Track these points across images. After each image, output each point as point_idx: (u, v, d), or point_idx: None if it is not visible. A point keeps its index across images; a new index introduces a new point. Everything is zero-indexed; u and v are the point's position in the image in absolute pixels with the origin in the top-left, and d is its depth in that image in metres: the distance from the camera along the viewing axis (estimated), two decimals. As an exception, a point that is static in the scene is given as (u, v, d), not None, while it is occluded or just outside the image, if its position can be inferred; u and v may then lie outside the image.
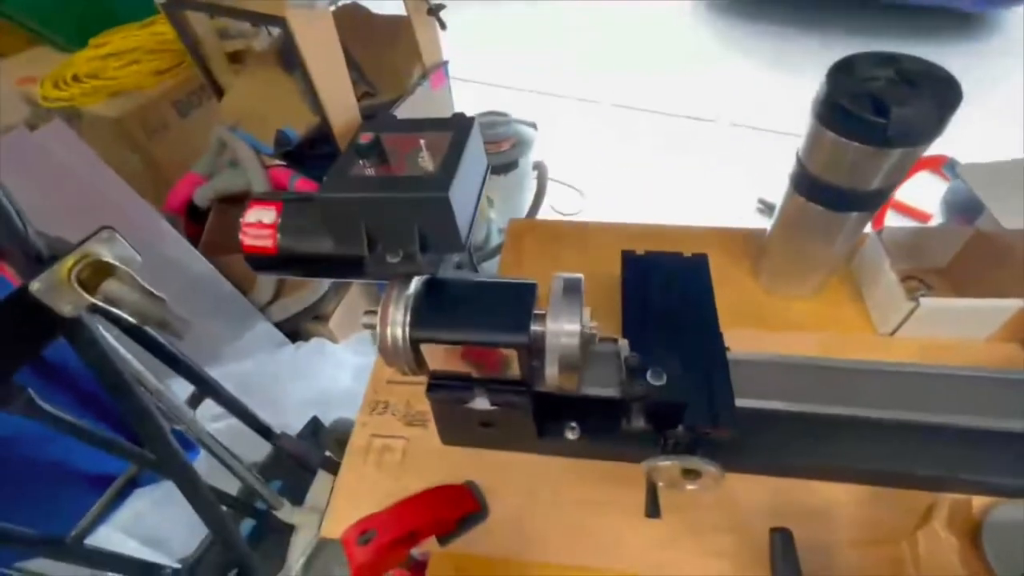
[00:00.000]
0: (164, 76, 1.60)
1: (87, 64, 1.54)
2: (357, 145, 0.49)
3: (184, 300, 1.48)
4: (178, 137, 1.63)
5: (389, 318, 0.49)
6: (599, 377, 0.54)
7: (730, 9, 3.32)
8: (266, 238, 0.58)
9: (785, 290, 0.74)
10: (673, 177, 2.28)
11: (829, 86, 0.55)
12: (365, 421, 0.64)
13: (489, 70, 3.04)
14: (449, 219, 0.48)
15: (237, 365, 1.53)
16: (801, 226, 0.66)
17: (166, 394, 0.93)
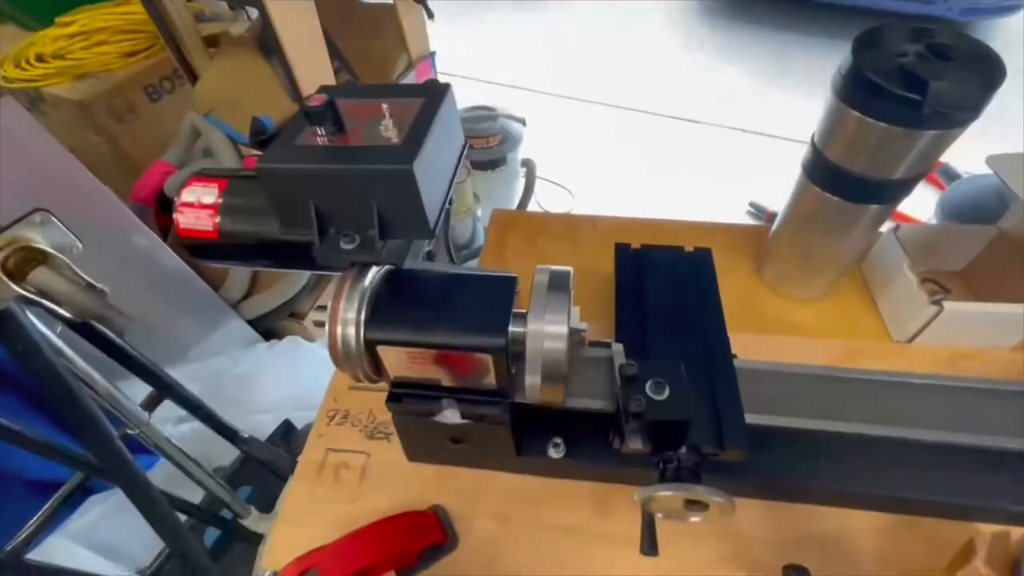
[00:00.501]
0: (134, 59, 1.50)
1: (52, 44, 1.43)
2: (307, 109, 0.41)
3: (150, 295, 1.38)
4: (148, 123, 1.53)
5: (340, 314, 0.40)
6: (589, 387, 0.46)
7: (727, 12, 3.28)
8: (205, 220, 0.49)
9: (791, 291, 0.67)
10: (664, 179, 2.22)
11: (855, 59, 0.47)
12: (321, 432, 0.56)
13: (478, 66, 2.96)
14: (413, 198, 0.39)
15: (205, 364, 1.44)
16: (813, 220, 0.59)
17: (117, 396, 0.84)
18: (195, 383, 1.27)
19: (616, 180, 2.25)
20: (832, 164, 0.53)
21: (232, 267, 1.53)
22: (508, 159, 1.86)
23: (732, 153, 2.33)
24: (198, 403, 1.05)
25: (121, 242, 1.28)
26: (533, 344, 0.39)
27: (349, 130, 0.42)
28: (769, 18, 3.14)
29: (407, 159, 0.38)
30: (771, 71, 2.78)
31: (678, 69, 2.90)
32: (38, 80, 1.41)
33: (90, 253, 1.27)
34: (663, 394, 0.37)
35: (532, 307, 0.39)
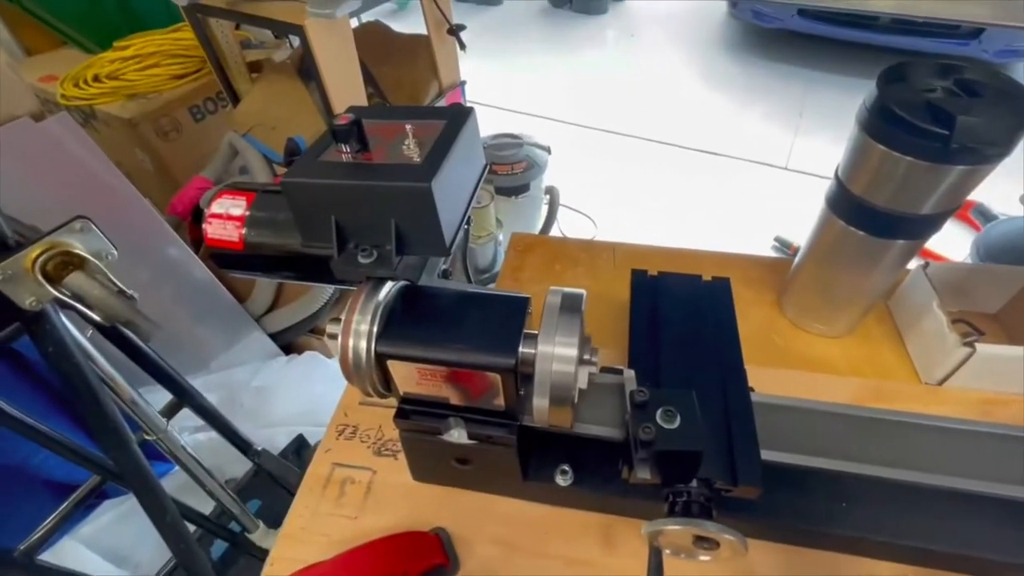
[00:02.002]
0: (182, 81, 1.59)
1: (108, 66, 1.52)
2: (334, 127, 0.42)
3: (180, 306, 1.43)
4: (190, 141, 1.60)
5: (352, 327, 0.40)
6: (599, 413, 0.45)
7: (752, 50, 3.31)
8: (232, 232, 0.51)
9: (814, 326, 0.65)
10: (688, 212, 2.22)
11: (880, 92, 0.47)
12: (329, 447, 0.55)
13: (506, 96, 3.04)
14: (431, 215, 0.40)
15: (225, 375, 1.46)
16: (837, 254, 0.58)
17: (138, 401, 0.86)
18: (213, 393, 1.30)
19: (639, 211, 2.25)
20: (856, 198, 0.52)
21: (257, 281, 1.56)
22: (532, 186, 1.87)
23: (757, 188, 2.31)
24: (215, 413, 1.07)
25: (157, 253, 1.33)
26: (542, 366, 0.38)
27: (373, 148, 0.43)
28: (796, 56, 3.15)
29: (426, 177, 0.39)
30: (797, 109, 2.78)
31: (703, 104, 2.92)
32: (92, 99, 1.50)
33: (127, 263, 1.31)
34: (674, 423, 0.36)
35: (543, 328, 0.39)
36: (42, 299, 0.57)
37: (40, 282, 0.56)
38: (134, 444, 0.77)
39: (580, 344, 0.39)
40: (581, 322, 0.39)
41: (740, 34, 3.45)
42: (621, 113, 2.86)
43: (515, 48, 3.64)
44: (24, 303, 0.56)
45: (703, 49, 3.43)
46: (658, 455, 0.36)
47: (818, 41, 2.95)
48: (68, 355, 0.65)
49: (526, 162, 1.84)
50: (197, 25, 1.43)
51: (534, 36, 3.82)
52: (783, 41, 3.23)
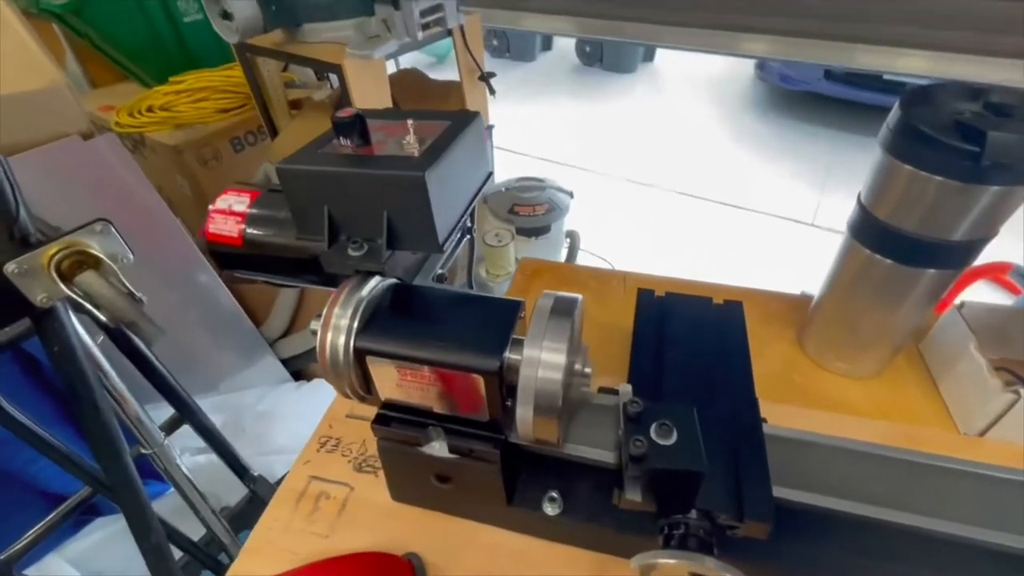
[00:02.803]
0: (227, 115, 1.67)
1: (162, 98, 1.63)
2: (336, 120, 0.42)
3: (202, 328, 1.45)
4: (228, 170, 1.67)
5: (333, 320, 0.38)
6: (592, 435, 0.41)
7: (778, 108, 3.35)
8: (232, 227, 0.50)
9: (837, 365, 0.59)
10: (712, 263, 2.18)
11: (903, 112, 0.45)
12: (309, 459, 0.52)
13: (534, 143, 3.12)
14: (424, 208, 0.38)
15: (232, 397, 1.45)
16: (862, 284, 0.53)
17: (139, 412, 0.85)
18: (218, 414, 1.28)
19: (660, 259, 2.22)
20: (882, 223, 0.49)
21: (274, 306, 1.57)
22: (553, 228, 1.88)
23: (783, 243, 2.26)
24: (215, 434, 1.05)
25: (186, 277, 1.36)
26: (527, 371, 0.35)
27: (374, 143, 0.42)
28: (822, 117, 3.16)
29: (421, 167, 0.37)
30: (824, 167, 2.76)
31: (729, 159, 2.93)
32: (143, 127, 1.60)
33: (157, 284, 1.34)
34: (670, 438, 0.32)
35: (530, 331, 0.36)
36: (53, 296, 0.57)
37: (54, 279, 0.56)
38: (127, 455, 0.75)
39: (570, 351, 0.36)
40: (572, 328, 0.36)
41: (767, 95, 3.51)
42: (646, 164, 2.89)
43: (546, 100, 3.78)
44: (36, 299, 0.56)
45: (730, 108, 3.49)
46: (652, 475, 0.32)
47: (844, 104, 2.96)
48: (72, 356, 0.65)
49: (548, 204, 1.86)
50: (246, 64, 1.53)
51: (564, 90, 3.96)
52: (810, 103, 3.26)
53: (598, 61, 4.23)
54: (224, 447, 1.08)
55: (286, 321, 1.59)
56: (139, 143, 1.66)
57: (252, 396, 1.51)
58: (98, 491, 0.83)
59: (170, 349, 1.08)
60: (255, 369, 1.56)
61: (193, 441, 1.26)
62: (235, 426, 1.42)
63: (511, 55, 4.58)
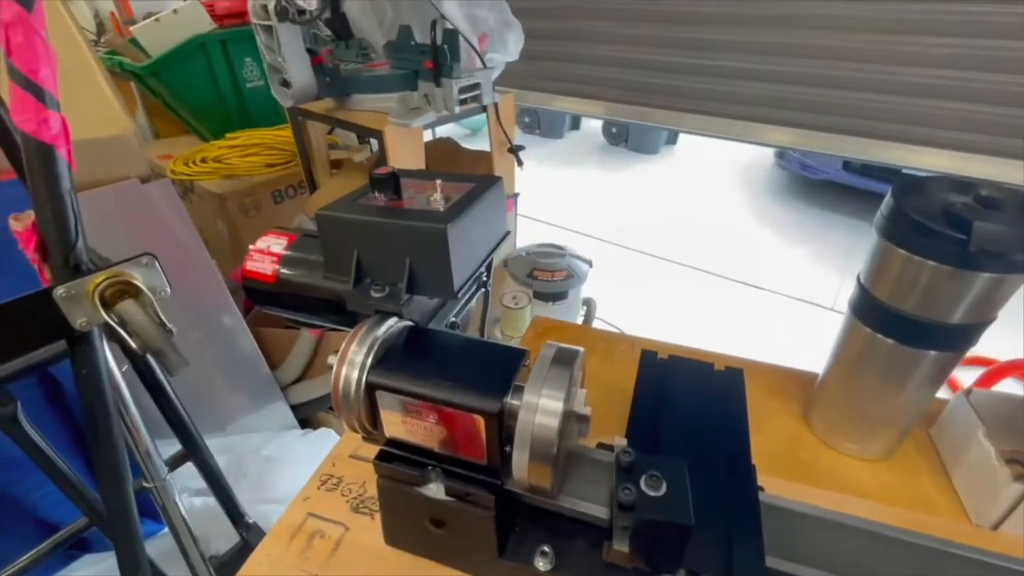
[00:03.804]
0: (273, 169, 1.81)
1: (216, 151, 1.78)
2: (373, 176, 0.47)
3: (218, 368, 1.48)
4: (267, 219, 1.78)
5: (349, 355, 0.41)
6: (587, 489, 0.42)
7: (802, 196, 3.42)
8: (268, 266, 0.55)
9: (844, 445, 0.59)
10: (729, 341, 2.16)
11: (896, 201, 0.48)
12: (308, 495, 0.53)
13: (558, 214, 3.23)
14: (443, 258, 0.42)
15: (237, 439, 1.45)
16: (865, 364, 0.54)
17: (148, 443, 0.87)
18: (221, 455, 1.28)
19: (676, 333, 2.22)
20: (882, 303, 0.50)
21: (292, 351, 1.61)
22: (570, 295, 1.91)
23: (801, 325, 2.25)
24: (217, 475, 1.05)
25: (212, 318, 1.42)
26: (525, 416, 0.37)
27: (405, 198, 0.47)
28: (843, 205, 3.22)
29: (443, 221, 0.42)
30: (844, 253, 2.78)
31: (750, 240, 2.98)
32: (195, 175, 1.73)
33: (185, 322, 1.39)
34: (659, 490, 0.33)
35: (531, 378, 0.38)
36: (92, 321, 0.61)
37: (96, 305, 0.61)
38: (130, 485, 0.76)
39: (568, 399, 0.38)
40: (572, 377, 0.38)
41: (788, 182, 3.61)
42: (666, 240, 2.96)
43: (571, 174, 3.96)
44: (76, 322, 0.61)
45: (751, 191, 3.59)
46: (640, 526, 0.32)
47: (863, 193, 3.03)
48: (98, 380, 0.68)
49: (567, 271, 1.90)
50: (296, 125, 1.67)
51: (589, 165, 4.15)
52: (830, 190, 3.34)
53: (623, 141, 4.45)
54: (223, 489, 1.08)
55: (301, 367, 1.62)
56: (189, 189, 1.79)
57: (257, 440, 1.50)
58: (94, 522, 0.84)
59: (184, 385, 1.11)
60: (264, 413, 1.57)
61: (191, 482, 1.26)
62: (237, 469, 1.41)
63: (541, 132, 4.86)
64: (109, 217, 1.14)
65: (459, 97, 1.27)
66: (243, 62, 1.90)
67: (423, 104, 1.33)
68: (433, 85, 1.25)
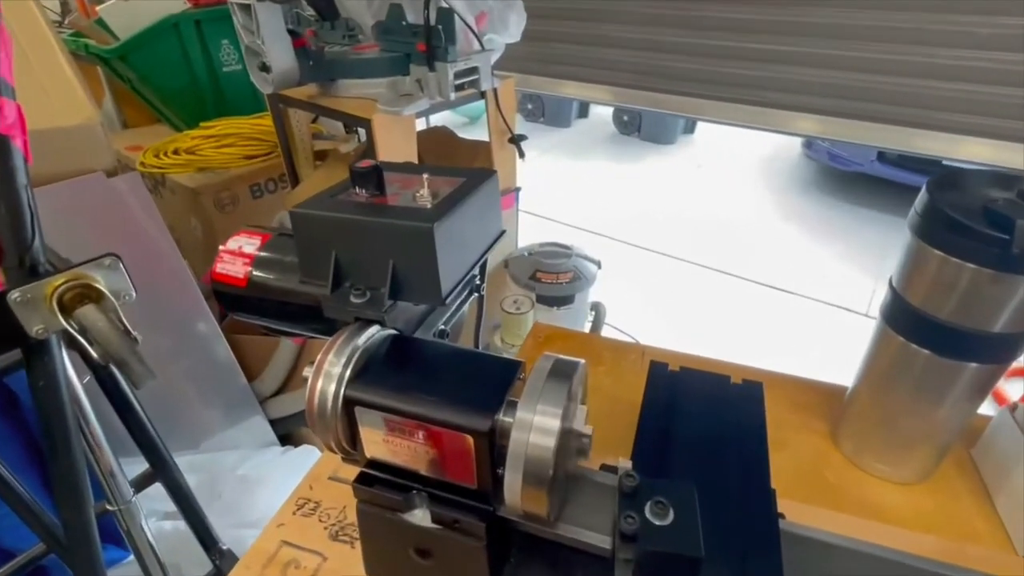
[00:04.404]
0: (252, 161, 1.81)
1: (190, 142, 1.78)
2: (353, 170, 0.47)
3: (192, 379, 1.48)
4: (244, 216, 1.79)
5: (325, 367, 0.41)
6: (589, 516, 0.41)
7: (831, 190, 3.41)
8: (239, 268, 0.55)
9: (875, 467, 0.58)
10: (752, 351, 2.15)
11: (931, 197, 0.47)
12: (283, 521, 0.53)
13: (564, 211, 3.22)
14: (429, 260, 0.42)
15: (211, 458, 1.45)
16: (897, 377, 0.54)
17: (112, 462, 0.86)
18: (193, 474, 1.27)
19: (693, 341, 2.21)
20: (915, 309, 0.50)
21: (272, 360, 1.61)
22: (577, 299, 1.91)
23: (831, 331, 2.24)
24: (188, 496, 1.04)
25: (184, 324, 1.41)
26: (518, 434, 0.36)
27: (388, 194, 0.47)
28: (876, 200, 3.21)
29: (430, 219, 0.41)
30: (878, 253, 2.76)
31: (774, 239, 2.97)
32: (167, 168, 1.74)
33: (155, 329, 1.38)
34: (665, 518, 0.32)
35: (525, 393, 0.38)
36: (50, 328, 0.61)
37: (54, 310, 0.61)
38: (91, 508, 0.76)
39: (566, 416, 0.37)
40: (570, 392, 0.38)
41: (815, 174, 3.61)
42: (682, 238, 2.95)
43: (579, 166, 3.96)
44: (32, 329, 0.60)
45: (775, 185, 3.58)
46: (644, 559, 0.32)
47: (899, 187, 3.02)
48: (56, 393, 0.68)
49: (573, 273, 1.90)
50: (277, 113, 1.67)
51: (599, 157, 4.15)
52: (862, 184, 3.33)
53: (636, 131, 4.46)
54: (195, 512, 1.08)
55: (281, 378, 1.62)
56: (159, 183, 1.79)
57: (233, 458, 1.50)
58: (52, 549, 0.83)
59: (152, 397, 1.10)
60: (240, 428, 1.57)
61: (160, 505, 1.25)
62: (210, 490, 1.41)
63: (545, 120, 4.87)
64: (70, 214, 1.14)
65: (455, 82, 1.27)
66: (219, 44, 1.91)
67: (415, 90, 1.33)
68: (426, 69, 1.25)
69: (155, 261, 1.32)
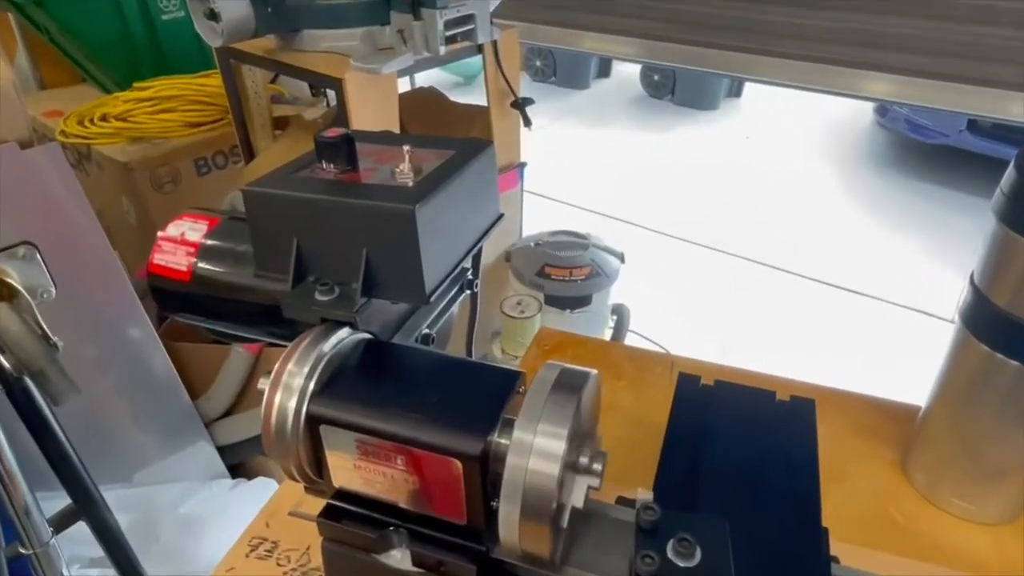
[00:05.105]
0: (196, 130, 1.83)
1: (121, 106, 1.80)
2: (319, 140, 0.48)
3: (123, 395, 1.48)
4: (187, 197, 1.80)
5: (284, 377, 0.42)
6: (602, 558, 0.42)
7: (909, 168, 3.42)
8: (182, 259, 0.56)
9: (954, 503, 0.59)
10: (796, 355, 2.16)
11: (1020, 173, 0.48)
12: (232, 565, 0.54)
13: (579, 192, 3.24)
14: (410, 249, 0.43)
15: (146, 492, 1.46)
16: (980, 394, 0.54)
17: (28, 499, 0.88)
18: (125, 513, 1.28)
19: (736, 353, 2.21)
20: (1002, 312, 0.51)
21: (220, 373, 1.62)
22: (595, 300, 1.92)
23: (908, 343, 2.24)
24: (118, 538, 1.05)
25: (113, 328, 1.42)
26: (515, 459, 0.37)
27: (362, 170, 0.48)
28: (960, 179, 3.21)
29: (411, 200, 0.42)
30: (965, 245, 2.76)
31: (836, 226, 2.98)
32: (93, 138, 1.76)
33: (78, 335, 1.39)
34: (691, 559, 0.33)
35: (524, 410, 0.38)
36: (-50, 333, 0.62)
37: (-45, 311, 0.62)
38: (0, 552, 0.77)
39: (572, 438, 0.38)
40: (579, 410, 0.39)
41: (890, 148, 3.61)
42: (724, 226, 2.96)
43: (598, 138, 3.97)
44: (-73, 331, 0.62)
45: (839, 161, 3.59)
46: (665, 608, 0.33)
47: (994, 163, 3.02)
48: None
49: (591, 268, 1.90)
50: (228, 72, 1.69)
51: (623, 126, 4.17)
52: (946, 159, 3.33)
53: (669, 93, 4.47)
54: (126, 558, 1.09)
55: (231, 395, 1.63)
56: (84, 156, 1.81)
57: (174, 493, 1.51)
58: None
59: (76, 418, 1.10)
60: (182, 457, 1.58)
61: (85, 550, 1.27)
62: (145, 532, 1.42)
63: (557, 80, 4.89)
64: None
65: (445, 33, 1.27)
66: (158, -14, 1.93)
67: (397, 43, 1.34)
68: (410, 17, 1.26)
69: (78, 251, 1.33)
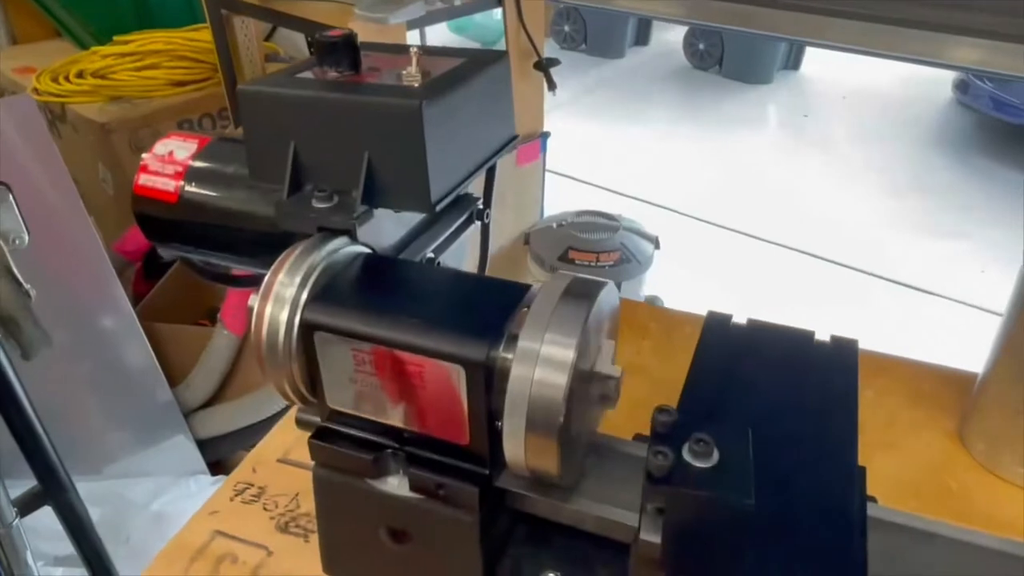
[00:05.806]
0: (182, 89, 1.88)
1: (99, 61, 1.86)
2: (318, 40, 0.51)
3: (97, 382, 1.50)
4: (170, 163, 1.85)
5: (275, 287, 0.45)
6: (614, 490, 0.45)
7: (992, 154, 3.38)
8: (169, 180, 0.59)
9: (1014, 470, 0.61)
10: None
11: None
12: (216, 508, 0.57)
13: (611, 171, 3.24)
14: (416, 150, 0.46)
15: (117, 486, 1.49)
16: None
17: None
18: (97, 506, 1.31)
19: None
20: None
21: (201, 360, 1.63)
22: (625, 289, 1.92)
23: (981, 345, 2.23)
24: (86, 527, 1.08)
25: (88, 307, 1.44)
26: (521, 370, 0.39)
27: (366, 72, 0.51)
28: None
29: (418, 97, 0.45)
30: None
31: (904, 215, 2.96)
32: (68, 96, 1.81)
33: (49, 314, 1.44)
34: (708, 459, 0.35)
35: (529, 317, 0.40)
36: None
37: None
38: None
39: (584, 350, 0.40)
40: (590, 318, 0.41)
41: (970, 129, 3.58)
42: (775, 214, 2.96)
43: (632, 113, 3.98)
44: None
45: (911, 143, 3.57)
46: (674, 504, 0.35)
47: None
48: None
49: (620, 252, 1.90)
50: (218, 25, 1.73)
51: (662, 100, 4.18)
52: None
53: (716, 64, 4.47)
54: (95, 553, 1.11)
55: (213, 383, 1.65)
56: (58, 117, 1.87)
57: (147, 489, 1.53)
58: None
59: (43, 407, 1.11)
60: (158, 450, 1.60)
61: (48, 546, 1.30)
62: (115, 529, 1.45)
63: (588, 48, 4.90)
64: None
65: (460, -23, 1.30)
66: (142, -71, 1.98)
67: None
68: (421, -41, 1.29)
69: (51, 220, 1.34)
